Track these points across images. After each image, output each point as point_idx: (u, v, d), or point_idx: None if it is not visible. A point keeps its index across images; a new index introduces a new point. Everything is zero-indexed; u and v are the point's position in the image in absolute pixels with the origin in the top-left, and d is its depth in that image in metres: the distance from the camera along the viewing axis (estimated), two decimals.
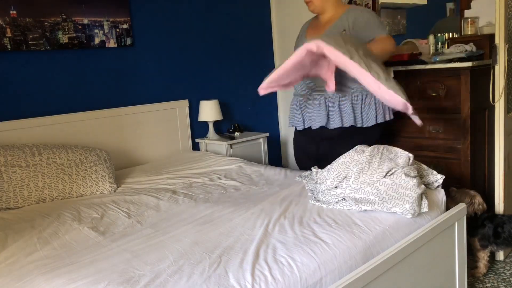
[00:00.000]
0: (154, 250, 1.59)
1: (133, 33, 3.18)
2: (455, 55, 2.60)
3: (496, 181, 2.54)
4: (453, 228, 1.97)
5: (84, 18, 2.92)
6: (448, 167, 2.64)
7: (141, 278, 1.38)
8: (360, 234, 1.67)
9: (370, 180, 1.87)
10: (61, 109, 2.86)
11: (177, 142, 3.41)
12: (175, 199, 2.21)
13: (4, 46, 2.61)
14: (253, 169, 2.72)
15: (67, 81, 2.90)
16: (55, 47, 2.81)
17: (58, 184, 2.35)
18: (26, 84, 2.74)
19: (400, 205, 1.79)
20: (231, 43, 3.81)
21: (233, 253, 1.53)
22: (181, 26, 3.47)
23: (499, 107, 2.46)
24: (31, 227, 1.92)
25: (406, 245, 1.66)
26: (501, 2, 2.32)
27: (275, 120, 4.21)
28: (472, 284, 2.33)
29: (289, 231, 1.69)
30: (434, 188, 2.06)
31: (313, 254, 1.51)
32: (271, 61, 4.11)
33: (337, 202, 1.91)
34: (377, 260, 1.54)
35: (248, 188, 2.34)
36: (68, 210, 2.12)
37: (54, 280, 1.42)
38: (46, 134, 2.74)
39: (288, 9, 3.96)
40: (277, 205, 2.00)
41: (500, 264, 2.53)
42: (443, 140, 2.66)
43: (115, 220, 1.96)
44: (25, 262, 1.58)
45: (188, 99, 3.49)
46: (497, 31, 2.38)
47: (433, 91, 2.65)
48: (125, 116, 3.10)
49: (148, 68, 3.30)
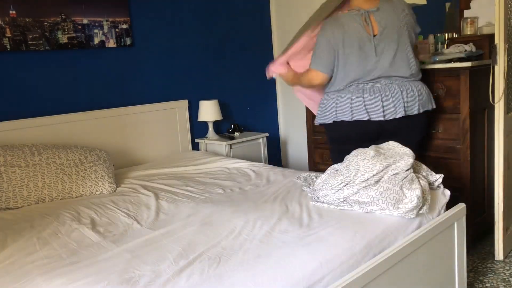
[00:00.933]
0: (153, 250, 1.58)
1: (133, 33, 3.18)
2: (454, 55, 2.60)
3: (496, 181, 2.53)
4: (452, 228, 1.97)
5: (84, 18, 2.91)
6: (448, 167, 2.64)
7: (140, 278, 1.38)
8: (361, 233, 1.66)
9: (371, 181, 1.87)
10: (60, 109, 2.85)
11: (177, 142, 3.41)
12: (175, 199, 2.21)
13: (3, 46, 2.61)
14: (252, 169, 2.72)
15: (66, 81, 2.90)
16: (55, 47, 2.81)
17: (58, 184, 2.35)
18: (25, 84, 2.74)
19: (402, 205, 1.79)
20: (231, 43, 3.81)
21: (232, 253, 1.52)
22: (181, 26, 3.47)
23: (499, 107, 2.46)
24: (31, 227, 1.92)
25: (406, 245, 1.66)
26: (501, 2, 2.32)
27: (274, 120, 4.21)
28: (472, 284, 2.33)
29: (289, 231, 1.69)
30: (435, 188, 2.06)
31: (314, 253, 1.50)
32: (270, 61, 4.10)
33: (338, 203, 1.91)
34: (377, 259, 1.54)
35: (248, 188, 2.34)
36: (68, 210, 2.12)
37: (54, 280, 1.42)
38: (45, 134, 2.73)
39: (288, 9, 3.96)
40: (277, 205, 2.00)
41: (500, 264, 2.53)
42: (443, 140, 2.66)
43: (115, 221, 1.95)
44: (25, 262, 1.57)
45: (188, 99, 3.49)
46: (496, 31, 2.38)
47: (432, 91, 2.65)
48: (124, 116, 3.09)
49: (148, 68, 3.30)
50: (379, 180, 1.87)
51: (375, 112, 2.35)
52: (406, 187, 1.82)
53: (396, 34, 2.34)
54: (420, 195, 1.80)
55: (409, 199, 1.79)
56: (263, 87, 4.02)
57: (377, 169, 1.87)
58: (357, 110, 2.36)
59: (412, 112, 2.37)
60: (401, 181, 1.84)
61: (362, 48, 2.34)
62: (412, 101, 2.36)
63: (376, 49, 2.33)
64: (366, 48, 2.34)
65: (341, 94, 2.40)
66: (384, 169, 1.88)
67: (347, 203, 1.89)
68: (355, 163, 1.93)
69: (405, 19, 2.37)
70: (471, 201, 2.60)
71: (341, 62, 2.38)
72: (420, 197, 1.80)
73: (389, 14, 2.35)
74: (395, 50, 2.34)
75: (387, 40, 2.34)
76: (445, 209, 2.01)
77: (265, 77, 2.79)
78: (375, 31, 2.34)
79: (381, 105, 2.33)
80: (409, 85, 2.37)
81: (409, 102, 2.36)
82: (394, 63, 2.34)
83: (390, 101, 2.34)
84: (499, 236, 2.55)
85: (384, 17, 2.35)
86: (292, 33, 2.67)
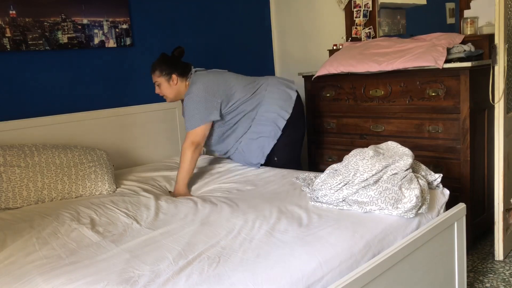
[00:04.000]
0: (153, 250, 1.58)
1: (133, 33, 3.18)
2: (454, 55, 2.60)
3: (495, 181, 2.53)
4: (452, 228, 1.96)
5: (84, 18, 2.91)
6: (448, 167, 2.64)
7: (140, 278, 1.38)
8: (360, 233, 1.66)
9: (371, 181, 1.87)
10: (60, 109, 2.85)
11: (177, 142, 3.41)
12: (174, 199, 2.21)
13: (3, 46, 2.61)
14: (252, 169, 2.72)
15: (66, 81, 2.90)
16: (55, 47, 2.81)
17: (57, 184, 2.35)
18: (25, 84, 2.74)
19: (401, 205, 1.79)
20: (230, 43, 3.81)
21: (232, 252, 1.52)
22: (181, 26, 3.47)
23: (498, 107, 2.46)
24: (30, 227, 1.92)
25: (406, 244, 1.66)
26: (501, 2, 2.32)
27: None
28: (472, 284, 2.33)
29: (288, 231, 1.69)
30: (434, 188, 2.06)
31: (313, 253, 1.50)
32: (270, 61, 4.11)
33: (337, 203, 1.91)
34: (377, 259, 1.54)
35: (247, 188, 2.34)
36: (67, 210, 2.12)
37: (53, 280, 1.42)
38: (45, 134, 2.73)
39: (288, 9, 3.96)
40: (276, 205, 1.99)
41: (499, 264, 2.53)
42: (443, 140, 2.66)
43: (114, 220, 1.95)
44: (24, 262, 1.57)
45: None
46: (496, 31, 2.38)
47: (432, 91, 2.65)
48: (124, 116, 3.09)
49: (148, 68, 3.29)
50: (378, 180, 1.87)
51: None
52: (405, 187, 1.82)
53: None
54: (419, 195, 1.80)
55: (408, 198, 1.79)
56: None
57: (376, 169, 1.87)
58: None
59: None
60: (400, 181, 1.84)
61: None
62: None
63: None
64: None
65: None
66: (383, 169, 1.88)
67: (346, 203, 1.89)
68: (354, 163, 1.93)
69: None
70: (471, 201, 2.60)
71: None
72: (419, 197, 1.80)
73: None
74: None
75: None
76: (445, 209, 2.01)
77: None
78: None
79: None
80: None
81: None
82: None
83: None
84: (499, 236, 2.55)
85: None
86: (292, 33, 2.67)
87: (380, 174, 1.87)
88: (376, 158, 1.92)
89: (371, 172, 1.87)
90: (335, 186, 1.93)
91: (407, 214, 1.79)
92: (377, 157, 1.93)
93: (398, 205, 1.79)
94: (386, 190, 1.82)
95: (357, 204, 1.86)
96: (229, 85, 2.69)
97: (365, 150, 1.99)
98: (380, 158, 1.92)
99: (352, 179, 1.90)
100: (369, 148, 2.01)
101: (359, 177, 1.88)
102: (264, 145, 2.70)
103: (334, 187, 1.93)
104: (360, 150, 2.01)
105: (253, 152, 2.71)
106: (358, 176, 1.88)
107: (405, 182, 1.83)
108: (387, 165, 1.89)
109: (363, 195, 1.86)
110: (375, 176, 1.87)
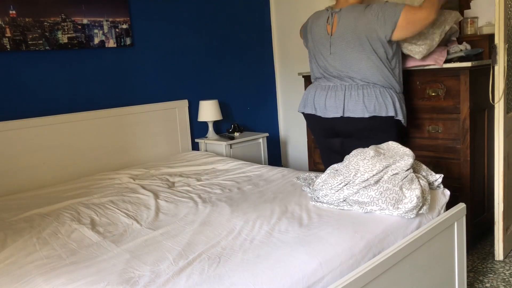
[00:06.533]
0: (153, 251, 1.58)
1: (133, 33, 3.18)
2: (454, 55, 2.60)
3: (495, 181, 2.53)
4: (452, 228, 1.96)
5: (84, 18, 2.91)
6: (448, 167, 2.64)
7: (140, 278, 1.38)
8: (361, 233, 1.66)
9: (371, 181, 1.87)
10: (60, 109, 2.85)
11: (177, 142, 3.41)
12: (174, 199, 2.21)
13: (3, 46, 2.60)
14: (252, 169, 2.72)
15: (66, 81, 2.90)
16: (55, 47, 2.80)
17: None
18: (25, 84, 2.74)
19: (402, 205, 1.79)
20: (230, 43, 3.81)
21: (232, 253, 1.52)
22: (181, 26, 3.47)
23: (498, 107, 2.46)
24: (30, 227, 1.92)
25: (406, 244, 1.66)
26: (501, 2, 2.32)
27: (274, 120, 4.21)
28: (472, 284, 2.33)
29: (289, 231, 1.69)
30: (435, 188, 2.06)
31: (313, 253, 1.50)
32: (270, 61, 4.11)
33: (338, 203, 1.91)
34: (377, 259, 1.54)
35: (248, 188, 2.34)
36: (68, 210, 2.12)
37: (53, 280, 1.42)
38: (45, 134, 2.73)
39: (288, 9, 3.96)
40: (277, 205, 2.00)
41: (499, 264, 2.53)
42: (443, 140, 2.66)
43: (114, 221, 1.95)
44: (24, 262, 1.57)
45: (188, 99, 3.49)
46: (496, 31, 2.38)
47: (432, 91, 2.65)
48: (124, 116, 3.09)
49: (148, 68, 3.30)
50: (379, 180, 1.87)
51: (319, 108, 2.51)
52: (406, 187, 1.82)
53: (352, 37, 2.38)
54: (420, 195, 1.80)
55: (408, 199, 1.79)
56: (263, 87, 4.03)
57: (377, 169, 1.87)
58: (309, 104, 2.59)
59: (352, 115, 2.40)
60: (401, 181, 1.84)
61: (318, 46, 2.50)
62: (354, 104, 2.39)
63: (331, 47, 2.45)
64: (321, 46, 2.48)
65: (309, 87, 2.65)
66: (384, 169, 1.88)
67: (347, 203, 1.89)
68: (355, 163, 1.93)
69: (364, 23, 2.35)
70: (471, 201, 2.60)
71: (309, 56, 2.64)
72: (420, 197, 1.80)
73: (348, 17, 2.40)
74: (348, 52, 2.40)
75: (342, 40, 2.41)
76: (445, 209, 2.01)
77: (265, 77, 2.80)
78: (333, 31, 2.43)
79: (324, 103, 2.49)
80: (357, 88, 2.40)
81: (349, 105, 2.41)
82: (345, 64, 2.42)
83: (332, 100, 2.46)
84: (499, 236, 2.55)
85: (343, 18, 2.41)
86: (292, 33, 2.68)
87: (380, 174, 1.87)
88: (377, 158, 1.92)
89: (371, 172, 1.87)
90: (336, 186, 1.93)
91: (407, 214, 1.79)
92: (378, 157, 1.93)
93: (398, 205, 1.79)
94: (386, 191, 1.82)
95: (358, 204, 1.86)
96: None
97: (366, 150, 1.99)
98: (380, 158, 1.92)
99: (353, 179, 1.90)
100: (370, 148, 2.01)
101: (359, 177, 1.88)
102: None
103: (335, 187, 1.93)
104: (361, 150, 2.01)
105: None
106: (359, 176, 1.88)
107: (406, 183, 1.83)
108: (387, 165, 1.88)
109: (363, 195, 1.86)
110: (375, 176, 1.87)
